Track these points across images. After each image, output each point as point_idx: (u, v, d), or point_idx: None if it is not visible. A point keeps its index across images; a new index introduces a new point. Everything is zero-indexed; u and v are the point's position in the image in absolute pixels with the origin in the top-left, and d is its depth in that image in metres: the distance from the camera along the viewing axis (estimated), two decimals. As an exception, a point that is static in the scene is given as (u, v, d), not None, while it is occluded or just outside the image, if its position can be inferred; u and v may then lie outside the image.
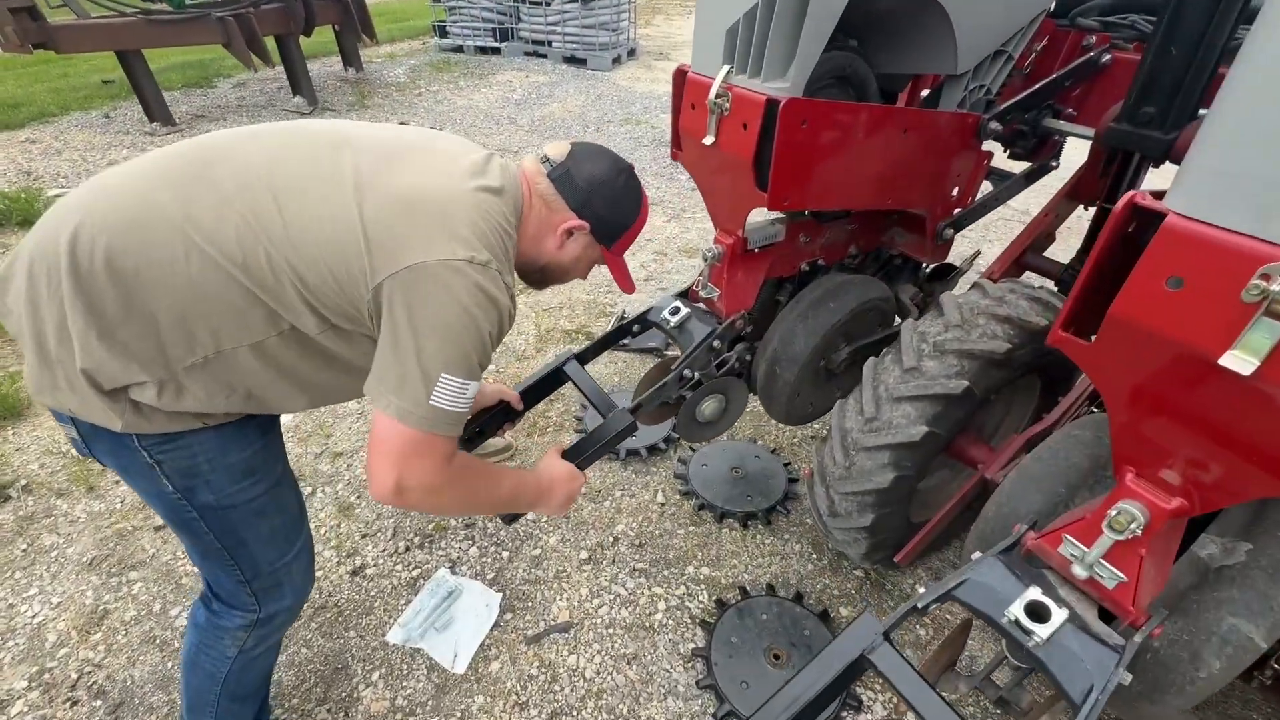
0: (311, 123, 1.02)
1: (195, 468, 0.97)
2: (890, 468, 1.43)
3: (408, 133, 1.05)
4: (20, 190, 3.98)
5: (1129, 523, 0.85)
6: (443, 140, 1.06)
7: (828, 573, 1.86)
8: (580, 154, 1.12)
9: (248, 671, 1.25)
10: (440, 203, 0.92)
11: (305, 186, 0.90)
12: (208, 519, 1.02)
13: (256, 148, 0.94)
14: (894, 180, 1.46)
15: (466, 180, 0.97)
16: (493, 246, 0.95)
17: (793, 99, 1.17)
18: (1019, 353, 1.41)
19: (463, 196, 0.95)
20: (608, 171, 1.11)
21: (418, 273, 0.87)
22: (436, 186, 0.94)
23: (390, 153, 0.97)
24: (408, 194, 0.91)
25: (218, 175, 0.89)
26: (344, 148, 0.95)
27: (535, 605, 1.76)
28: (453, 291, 0.88)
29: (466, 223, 0.92)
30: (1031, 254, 1.95)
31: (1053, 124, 1.68)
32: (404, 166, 0.95)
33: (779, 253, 1.62)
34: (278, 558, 1.13)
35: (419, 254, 0.88)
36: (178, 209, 0.86)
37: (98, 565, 1.87)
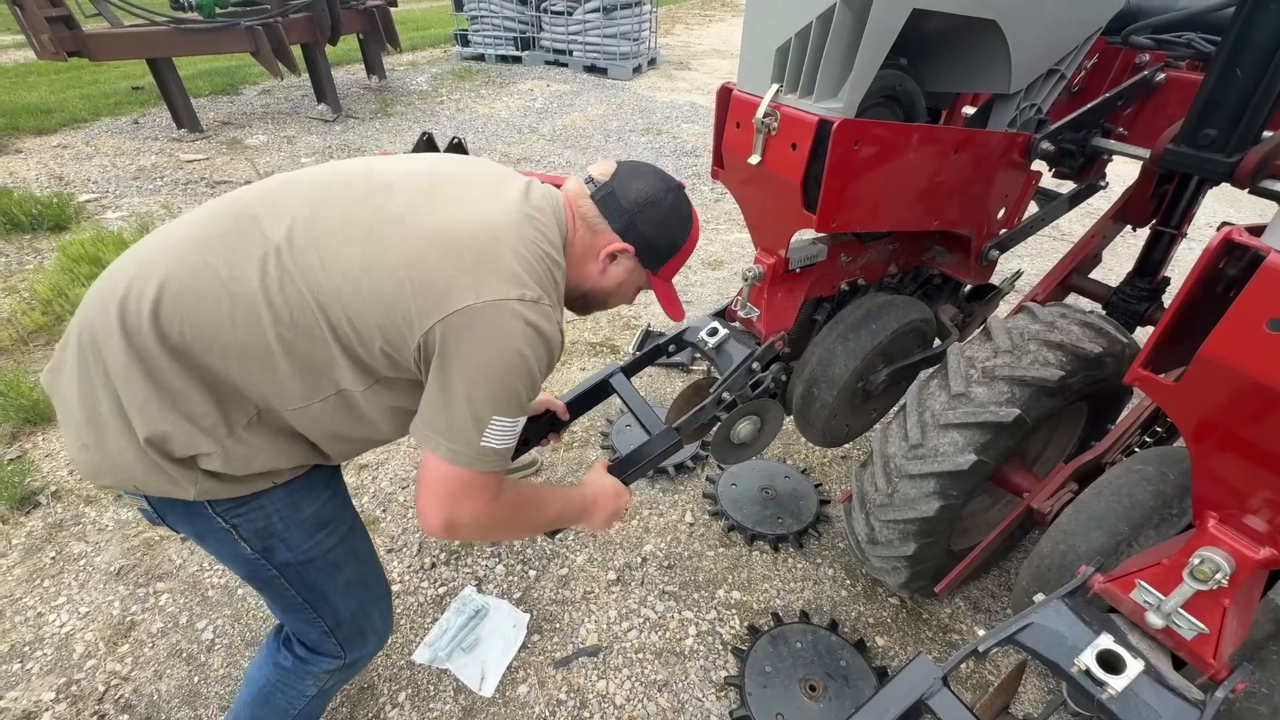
0: (347, 167, 0.99)
1: (270, 527, 0.97)
2: (936, 496, 1.39)
3: (443, 163, 1.02)
4: (52, 195, 4.04)
5: (1214, 572, 0.81)
6: (478, 168, 1.03)
7: (862, 600, 1.81)
8: (625, 173, 1.08)
9: (315, 709, 1.27)
10: (485, 238, 0.89)
11: (348, 234, 0.87)
12: (288, 576, 1.03)
13: (296, 198, 0.91)
14: (943, 201, 1.43)
15: (509, 210, 0.94)
16: (541, 280, 0.92)
17: (846, 120, 1.14)
18: (1071, 380, 1.36)
19: (507, 229, 0.91)
20: (654, 190, 1.06)
21: (469, 316, 0.85)
22: (480, 220, 0.91)
23: (429, 187, 0.94)
24: (451, 230, 0.88)
25: (258, 231, 0.87)
26: (381, 191, 0.92)
27: (563, 627, 1.73)
28: (505, 333, 0.86)
29: (514, 256, 0.89)
30: (1078, 275, 1.90)
31: (1103, 144, 1.64)
32: (444, 201, 0.92)
33: (819, 272, 1.59)
34: (358, 606, 1.14)
35: (469, 296, 0.85)
36: (223, 270, 0.84)
37: (125, 575, 1.87)
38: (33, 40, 4.56)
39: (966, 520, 1.78)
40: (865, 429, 1.88)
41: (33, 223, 3.82)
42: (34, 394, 2.42)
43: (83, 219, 4.01)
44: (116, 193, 4.45)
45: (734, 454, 1.69)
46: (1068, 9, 1.34)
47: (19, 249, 3.65)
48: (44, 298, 2.99)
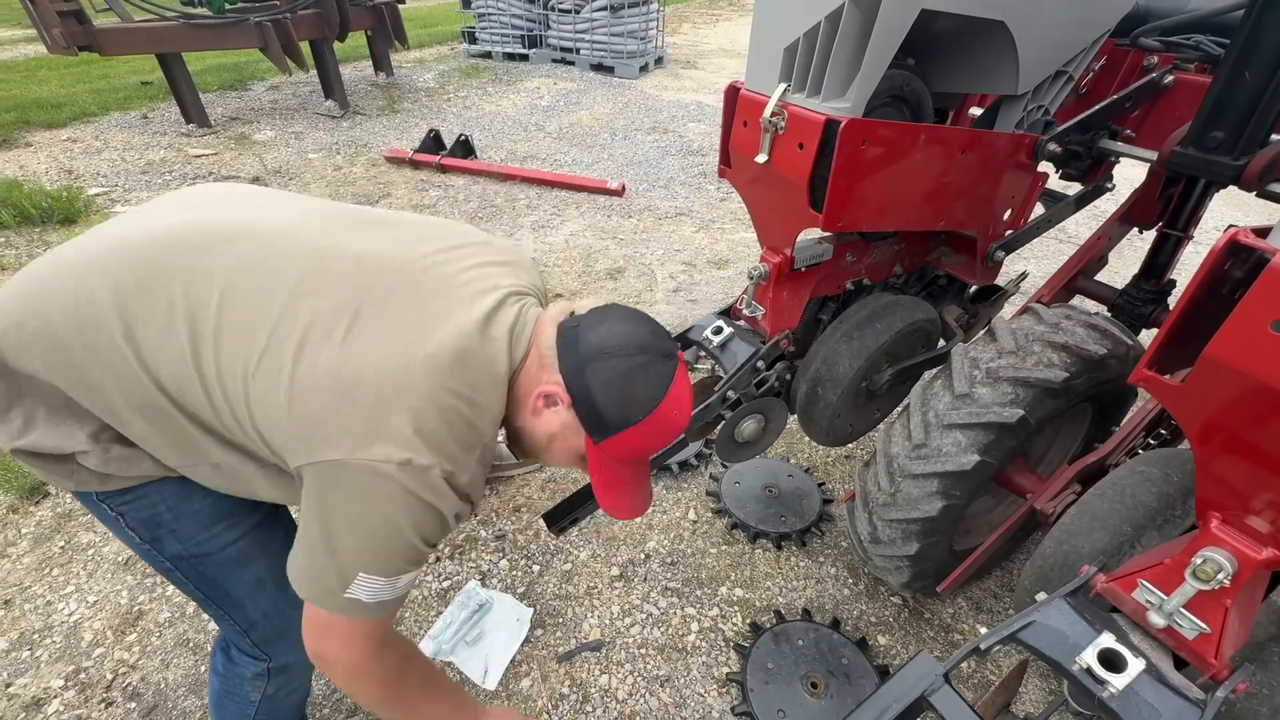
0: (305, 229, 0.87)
1: (158, 517, 0.91)
2: (939, 496, 1.39)
3: (423, 258, 0.88)
4: (62, 189, 4.07)
5: (1216, 572, 0.81)
6: (457, 275, 0.88)
7: (864, 599, 1.82)
8: (607, 315, 0.89)
9: (275, 712, 1.20)
10: (388, 389, 0.76)
11: (251, 333, 0.78)
12: (182, 569, 0.96)
13: (221, 261, 0.80)
14: (949, 202, 1.43)
15: (439, 351, 0.79)
16: (442, 445, 0.78)
17: (853, 120, 1.15)
18: (1076, 382, 1.37)
19: (419, 380, 0.77)
20: (622, 344, 0.85)
21: (338, 470, 0.75)
22: (391, 365, 0.77)
23: (363, 304, 0.80)
24: (351, 371, 0.76)
25: (165, 297, 0.78)
26: (310, 295, 0.79)
27: (566, 622, 1.74)
28: (376, 499, 0.76)
29: (410, 416, 0.76)
30: (1083, 277, 1.90)
31: (1110, 145, 1.63)
32: (367, 329, 0.79)
33: (825, 272, 1.59)
34: (272, 606, 1.02)
35: (342, 450, 0.75)
36: (120, 325, 0.77)
37: (132, 565, 1.88)
38: (44, 34, 4.59)
39: (969, 520, 1.78)
40: (869, 428, 1.88)
41: (42, 216, 3.84)
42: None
43: (92, 212, 4.04)
44: (125, 187, 4.47)
45: (738, 452, 1.70)
46: (1076, 10, 1.34)
47: (29, 241, 3.68)
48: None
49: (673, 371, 0.87)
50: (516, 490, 2.14)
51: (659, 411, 0.86)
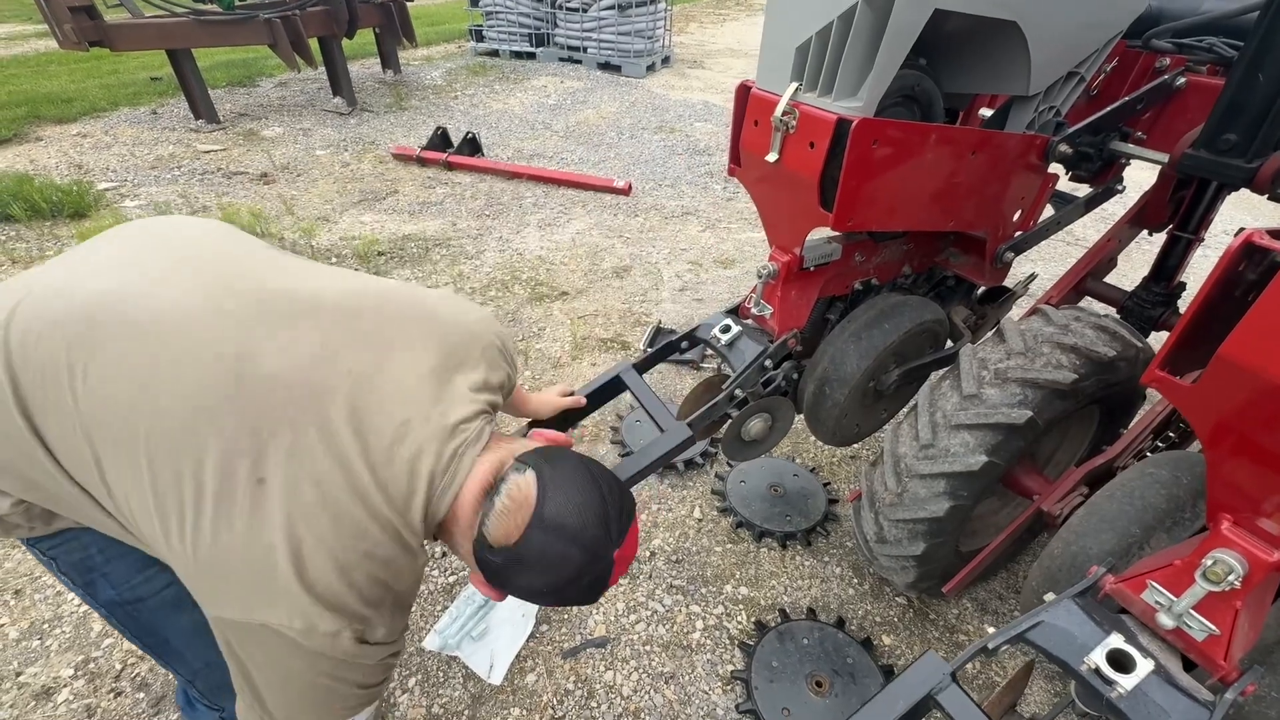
0: (202, 322, 0.73)
1: (89, 560, 0.86)
2: (946, 497, 1.39)
3: (344, 377, 0.74)
4: (72, 183, 4.10)
5: (1226, 574, 0.81)
6: (380, 406, 0.74)
7: (869, 599, 1.82)
8: (527, 553, 0.75)
9: None
10: (283, 563, 0.67)
11: (145, 498, 0.69)
12: (118, 615, 0.92)
13: (88, 381, 0.69)
14: (959, 202, 1.43)
15: (340, 511, 0.70)
16: (343, 605, 0.70)
17: (865, 119, 1.15)
18: (1084, 383, 1.36)
19: (321, 549, 0.69)
20: (548, 589, 0.78)
21: (240, 628, 0.69)
22: (282, 523, 0.68)
23: (264, 449, 0.69)
24: (243, 530, 0.67)
25: (74, 383, 0.69)
26: (206, 435, 0.68)
27: (571, 618, 1.75)
28: (288, 660, 0.70)
29: (308, 588, 0.68)
30: (1092, 279, 1.90)
31: (1121, 147, 1.63)
32: (263, 481, 0.68)
33: (833, 271, 1.59)
34: (214, 655, 0.87)
35: (236, 610, 0.68)
36: (15, 406, 0.70)
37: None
38: (55, 30, 4.62)
39: (975, 522, 1.78)
40: (875, 429, 1.88)
41: (53, 210, 3.87)
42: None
43: (101, 207, 4.06)
44: (135, 182, 4.50)
45: (744, 451, 1.70)
46: (1089, 12, 1.34)
47: (39, 235, 3.71)
48: (64, 284, 3.03)
49: (606, 576, 0.80)
50: (522, 487, 2.15)
51: (601, 596, 0.85)
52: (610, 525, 0.79)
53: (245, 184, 4.53)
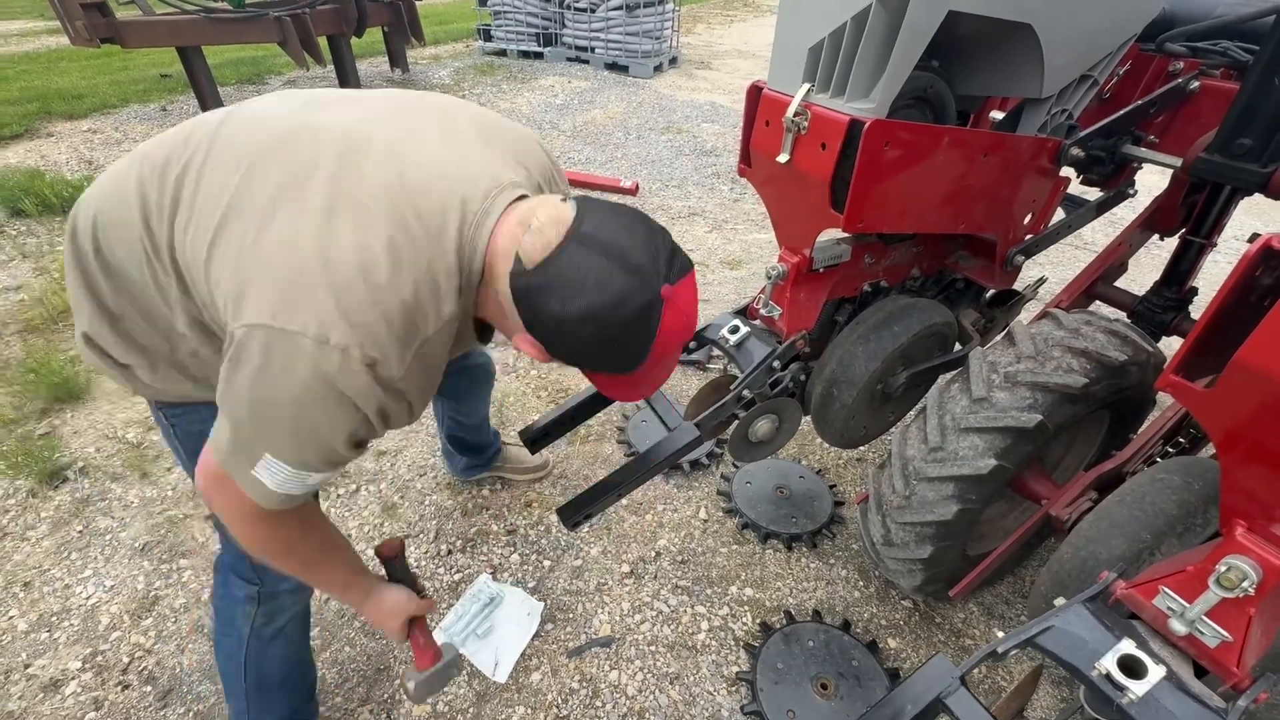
0: (321, 120, 0.85)
1: (201, 434, 0.93)
2: (954, 500, 1.39)
3: (400, 132, 0.84)
4: (83, 179, 4.13)
5: (1240, 580, 0.81)
6: (426, 158, 0.82)
7: (875, 601, 1.82)
8: (562, 272, 0.73)
9: (266, 657, 1.21)
10: (318, 262, 0.73)
11: (212, 210, 0.80)
12: None
13: (241, 153, 0.82)
14: (970, 204, 1.42)
15: (377, 238, 0.75)
16: (367, 327, 0.73)
17: (877, 121, 1.15)
18: (1095, 388, 1.36)
19: (351, 263, 0.74)
20: (584, 322, 0.73)
21: (260, 335, 0.72)
22: (326, 241, 0.75)
23: (312, 178, 0.78)
24: (290, 243, 0.75)
25: (190, 189, 0.82)
26: (266, 168, 0.80)
27: (576, 617, 1.75)
28: (289, 376, 0.73)
29: (336, 293, 0.72)
30: (1103, 283, 1.89)
31: (1133, 151, 1.62)
32: (317, 200, 0.76)
33: (843, 273, 1.59)
34: None
35: (264, 314, 0.72)
36: (137, 216, 0.85)
37: (149, 551, 1.91)
38: (67, 26, 4.64)
39: (983, 526, 1.77)
40: (883, 431, 1.88)
41: (64, 205, 3.89)
42: (64, 372, 2.47)
43: (112, 203, 4.08)
44: (144, 178, 4.52)
45: (751, 452, 1.70)
46: (1103, 15, 1.33)
47: (49, 230, 3.73)
48: (74, 279, 3.05)
49: (654, 323, 0.75)
50: (528, 486, 2.15)
51: (649, 359, 0.79)
52: (659, 257, 0.75)
53: (254, 181, 4.55)
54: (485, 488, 2.13)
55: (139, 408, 2.44)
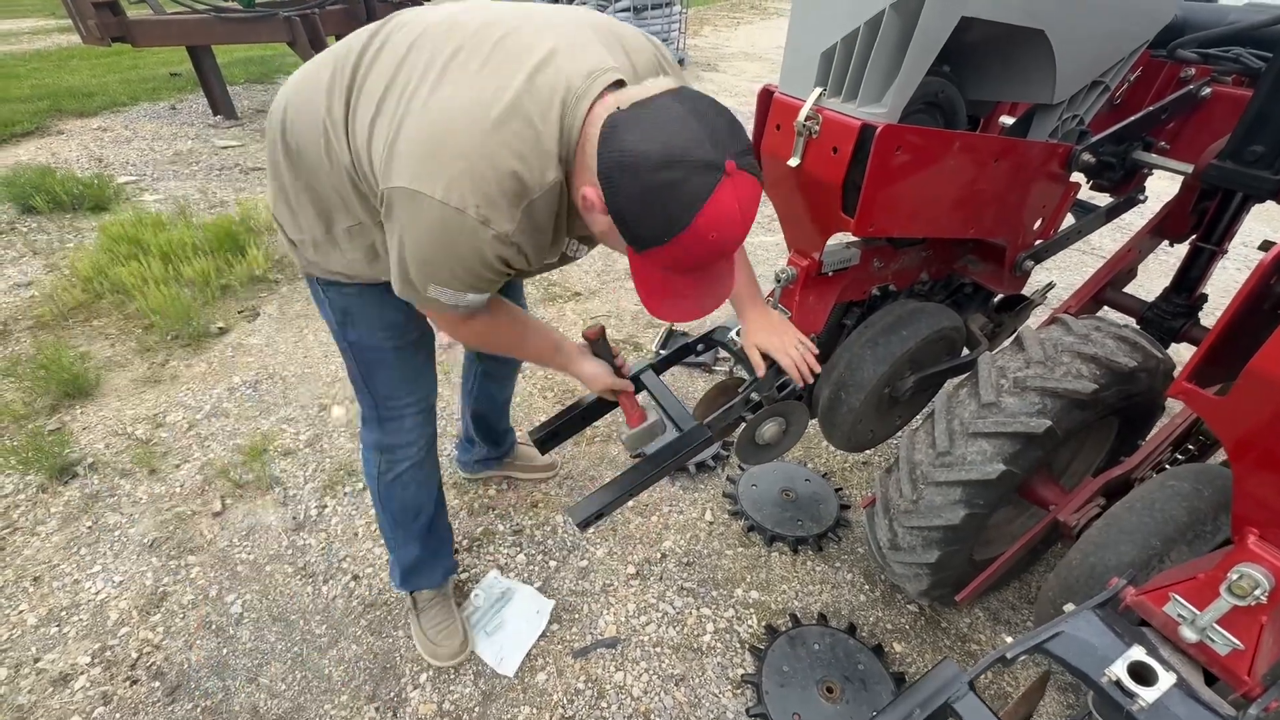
0: (465, 15, 1.00)
1: (349, 308, 1.24)
2: (961, 505, 1.39)
3: (523, 23, 0.97)
4: (93, 176, 4.15)
5: (1252, 588, 0.81)
6: (537, 42, 0.94)
7: (881, 605, 1.81)
8: (648, 113, 0.81)
9: (390, 497, 1.51)
10: (448, 133, 0.89)
11: (375, 89, 0.97)
12: (352, 349, 1.31)
13: (401, 42, 0.98)
14: (980, 210, 1.42)
15: (496, 109, 0.88)
16: (483, 191, 0.88)
17: (889, 125, 1.15)
18: (1104, 394, 1.36)
19: (475, 131, 0.88)
20: (650, 156, 0.79)
21: (403, 196, 0.91)
22: (457, 113, 0.89)
23: (453, 58, 0.94)
24: (431, 114, 0.91)
25: (362, 75, 0.99)
26: (418, 51, 0.96)
27: (582, 618, 1.75)
28: (426, 226, 0.92)
29: (461, 162, 0.88)
30: (1112, 289, 1.89)
31: (1144, 157, 1.62)
32: (451, 80, 0.92)
33: (852, 277, 1.59)
34: (395, 398, 1.38)
35: (404, 177, 0.90)
36: (323, 101, 1.01)
37: (158, 547, 1.92)
38: (79, 25, 4.68)
39: (990, 531, 1.77)
40: (890, 435, 1.88)
41: (74, 202, 3.93)
42: (74, 368, 2.49)
43: (121, 200, 4.11)
44: (154, 176, 4.55)
45: (758, 455, 1.70)
46: (1116, 21, 1.33)
47: (60, 227, 3.76)
48: (85, 275, 3.07)
49: (709, 186, 0.79)
50: (534, 486, 2.15)
51: (694, 228, 0.82)
52: (739, 143, 0.83)
53: (262, 180, 4.57)
54: (492, 488, 2.14)
55: (148, 403, 2.46)
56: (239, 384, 2.57)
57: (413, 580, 1.63)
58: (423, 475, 1.53)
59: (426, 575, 1.64)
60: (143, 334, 2.83)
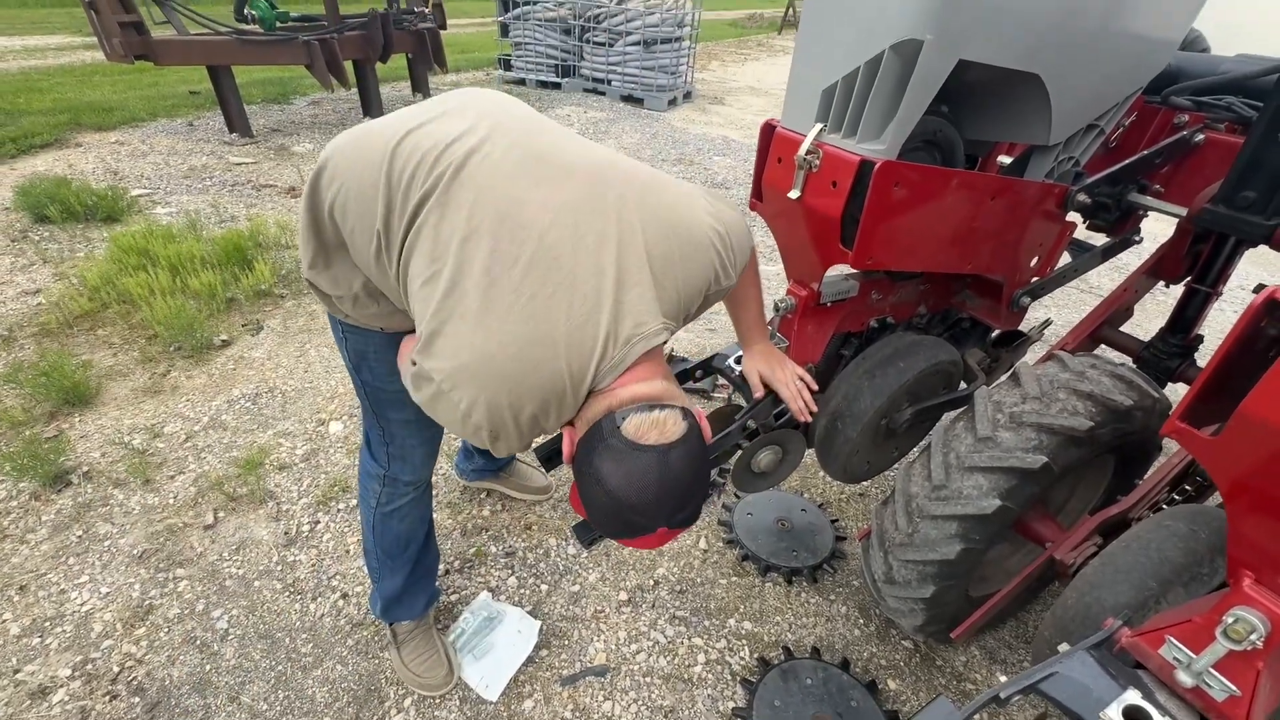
0: (528, 208, 0.93)
1: (365, 353, 1.25)
2: (957, 539, 1.38)
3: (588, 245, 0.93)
4: (107, 188, 4.22)
5: (1248, 633, 0.80)
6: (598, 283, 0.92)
7: (875, 640, 1.79)
8: (631, 461, 0.88)
9: (386, 529, 1.50)
10: (481, 351, 0.89)
11: (450, 271, 0.94)
12: (366, 389, 1.31)
13: (468, 210, 0.93)
14: (977, 246, 1.45)
15: (523, 364, 0.90)
16: (503, 422, 0.92)
17: (887, 161, 1.18)
18: (1100, 431, 1.36)
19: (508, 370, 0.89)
20: (606, 493, 0.89)
21: (428, 378, 0.92)
22: (501, 339, 0.90)
23: (505, 273, 0.91)
24: (471, 329, 0.91)
25: (430, 215, 0.94)
26: (472, 243, 0.92)
27: (571, 644, 1.73)
28: (438, 413, 0.95)
29: (489, 378, 0.90)
30: (1108, 328, 1.90)
31: (1139, 199, 1.65)
32: (503, 298, 0.89)
33: (850, 308, 1.61)
34: (406, 438, 1.39)
35: (438, 370, 0.92)
36: (379, 210, 0.97)
37: (147, 559, 1.90)
38: (104, 43, 4.81)
39: (986, 567, 1.75)
40: (886, 467, 1.87)
41: (87, 213, 3.98)
42: (75, 376, 2.50)
43: (134, 212, 4.17)
44: (167, 190, 4.62)
45: (753, 483, 1.70)
46: (1110, 68, 1.37)
47: (71, 237, 3.81)
48: (93, 284, 3.10)
49: (636, 534, 0.94)
50: (528, 508, 2.14)
51: (619, 540, 1.02)
52: (685, 509, 0.94)
53: (273, 196, 4.64)
54: (486, 508, 2.13)
55: (147, 413, 2.46)
56: (238, 396, 2.58)
57: (394, 611, 1.60)
58: (419, 510, 1.53)
59: (408, 606, 1.61)
60: (146, 344, 2.85)
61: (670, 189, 1.08)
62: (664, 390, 0.97)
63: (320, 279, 1.15)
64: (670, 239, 1.00)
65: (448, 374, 0.89)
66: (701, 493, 0.97)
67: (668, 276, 0.99)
